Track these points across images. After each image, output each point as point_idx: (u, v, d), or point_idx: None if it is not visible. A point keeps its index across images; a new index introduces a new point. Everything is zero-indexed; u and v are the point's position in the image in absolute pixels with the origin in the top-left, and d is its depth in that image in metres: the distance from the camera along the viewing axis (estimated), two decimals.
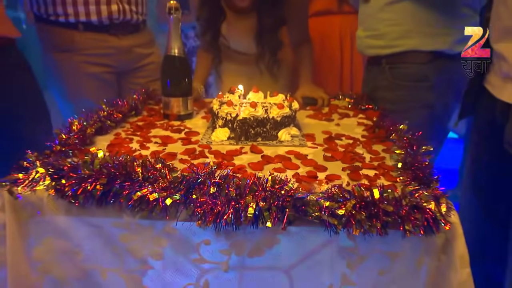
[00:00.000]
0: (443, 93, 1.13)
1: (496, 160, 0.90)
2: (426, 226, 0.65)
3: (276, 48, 1.35)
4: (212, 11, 1.36)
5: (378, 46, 1.21)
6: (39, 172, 0.70)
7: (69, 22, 1.32)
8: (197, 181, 0.66)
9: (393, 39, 1.17)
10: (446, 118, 1.19)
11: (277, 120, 0.99)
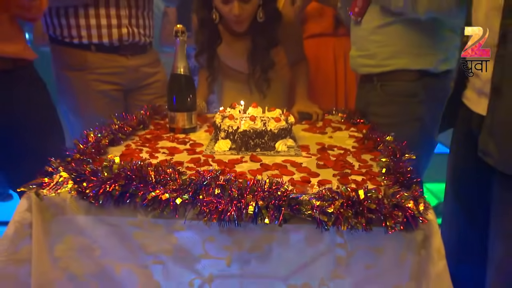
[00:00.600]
0: (431, 108, 1.24)
1: (472, 167, 0.98)
2: (406, 223, 0.74)
3: (267, 67, 1.44)
4: (210, 35, 1.46)
5: (370, 65, 1.32)
6: (63, 176, 0.79)
7: (82, 43, 1.43)
8: (203, 183, 0.75)
9: (383, 59, 1.28)
10: (434, 130, 1.29)
11: (275, 132, 1.08)
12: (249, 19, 1.37)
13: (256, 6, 1.35)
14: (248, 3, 1.33)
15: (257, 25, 1.38)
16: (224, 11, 1.36)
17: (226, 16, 1.38)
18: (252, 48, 1.44)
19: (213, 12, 1.38)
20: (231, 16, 1.35)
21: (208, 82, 1.55)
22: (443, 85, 1.19)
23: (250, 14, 1.35)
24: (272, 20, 1.38)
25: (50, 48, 1.52)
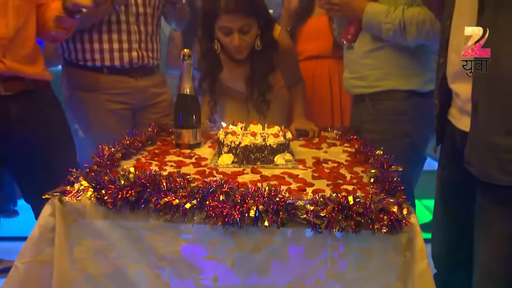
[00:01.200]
0: (419, 125, 1.34)
1: (458, 179, 1.06)
2: (391, 226, 0.82)
3: (265, 90, 1.54)
4: (212, 63, 1.56)
5: (362, 86, 1.43)
6: (83, 185, 0.89)
7: (95, 66, 1.54)
8: (209, 190, 0.84)
9: (374, 81, 1.39)
10: (422, 145, 1.39)
11: (273, 147, 1.18)
12: (249, 48, 1.49)
13: (255, 36, 1.47)
14: (247, 34, 1.45)
15: (255, 52, 1.50)
16: (225, 42, 1.47)
17: (227, 46, 1.49)
18: (251, 73, 1.55)
19: (215, 42, 1.50)
20: (231, 46, 1.46)
21: (210, 106, 1.66)
22: (430, 103, 1.29)
23: (249, 44, 1.47)
24: (269, 48, 1.50)
25: (64, 70, 1.64)
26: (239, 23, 1.42)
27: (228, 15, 1.41)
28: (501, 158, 0.85)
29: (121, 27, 1.54)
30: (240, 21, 1.42)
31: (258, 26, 1.46)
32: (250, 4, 1.41)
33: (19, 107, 1.23)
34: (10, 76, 1.19)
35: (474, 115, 0.91)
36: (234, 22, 1.42)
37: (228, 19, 1.42)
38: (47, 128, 1.32)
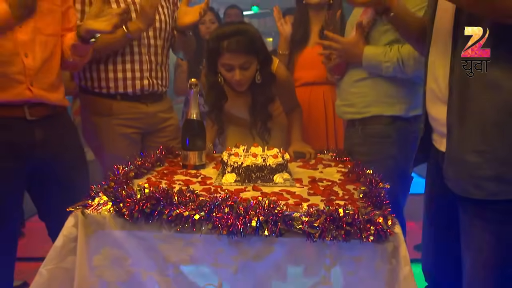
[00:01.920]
0: (403, 147, 1.46)
1: (442, 195, 1.16)
2: (377, 235, 0.93)
3: (266, 119, 1.68)
4: (217, 95, 1.70)
5: (351, 112, 1.57)
6: (103, 199, 0.99)
7: (110, 93, 1.68)
8: (216, 203, 0.95)
9: (361, 107, 1.53)
10: (408, 166, 1.50)
11: (273, 167, 1.29)
12: (248, 82, 1.63)
13: (254, 71, 1.62)
14: (248, 70, 1.59)
15: (256, 85, 1.64)
16: (227, 77, 1.62)
17: (229, 80, 1.63)
18: (252, 104, 1.69)
19: (218, 76, 1.64)
20: (233, 80, 1.61)
21: (216, 132, 1.78)
22: (413, 128, 1.41)
23: (249, 78, 1.61)
24: (267, 81, 1.65)
25: (80, 97, 1.77)
26: (240, 60, 1.56)
27: (230, 53, 1.55)
28: (474, 175, 0.96)
29: (134, 58, 1.68)
30: (241, 59, 1.56)
31: (258, 62, 1.61)
32: (250, 44, 1.56)
33: (42, 131, 1.34)
34: (36, 103, 1.31)
35: (448, 136, 1.02)
36: (235, 59, 1.56)
37: (230, 57, 1.56)
38: (66, 150, 1.44)
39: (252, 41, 1.58)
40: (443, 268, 1.22)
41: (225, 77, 1.63)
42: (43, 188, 1.42)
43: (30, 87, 1.28)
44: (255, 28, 1.67)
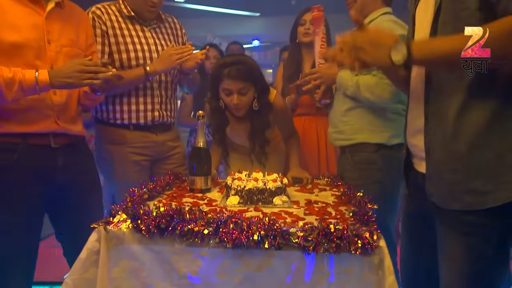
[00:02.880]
0: (388, 173, 1.60)
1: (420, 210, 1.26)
2: (364, 248, 1.05)
3: (263, 144, 1.84)
4: (219, 119, 1.88)
5: (341, 139, 1.74)
6: (122, 216, 1.13)
7: (123, 124, 1.84)
8: (222, 220, 1.08)
9: (349, 135, 1.70)
10: (394, 190, 1.63)
11: (272, 190, 1.42)
12: (246, 107, 1.80)
13: (252, 97, 1.79)
14: (245, 95, 1.76)
15: (254, 112, 1.81)
16: (226, 101, 1.79)
17: (228, 105, 1.80)
18: (251, 130, 1.86)
19: (220, 101, 1.82)
20: (231, 104, 1.77)
21: (220, 155, 1.93)
22: (397, 155, 1.55)
23: (246, 103, 1.78)
24: (265, 109, 1.82)
25: (96, 127, 1.93)
26: (238, 86, 1.74)
27: (229, 79, 1.73)
28: (452, 189, 1.07)
29: (147, 92, 1.85)
30: (239, 85, 1.74)
31: (255, 90, 1.78)
32: (247, 72, 1.74)
33: (64, 157, 1.49)
34: (60, 133, 1.47)
35: (427, 159, 1.15)
36: (234, 85, 1.74)
37: (229, 82, 1.74)
38: (83, 175, 1.58)
39: (250, 70, 1.76)
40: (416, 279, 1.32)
41: (225, 102, 1.80)
42: (62, 210, 1.55)
43: (57, 120, 1.44)
44: (253, 60, 1.86)
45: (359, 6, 1.69)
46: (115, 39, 1.81)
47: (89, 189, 1.62)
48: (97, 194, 1.69)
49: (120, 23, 1.84)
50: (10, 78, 1.30)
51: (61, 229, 1.62)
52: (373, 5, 1.68)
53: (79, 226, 1.52)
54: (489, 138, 1.02)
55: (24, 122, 1.39)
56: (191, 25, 5.90)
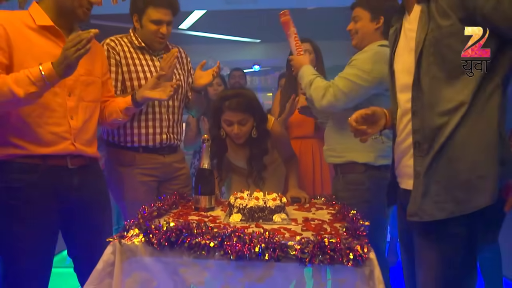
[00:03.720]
0: (376, 193, 1.72)
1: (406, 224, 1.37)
2: (355, 260, 1.16)
3: (261, 169, 1.98)
4: (219, 146, 2.02)
5: (333, 156, 1.88)
6: (136, 231, 1.24)
7: (133, 146, 1.96)
8: (227, 234, 1.19)
9: (340, 152, 1.84)
10: (382, 209, 1.74)
11: (272, 208, 1.53)
12: (246, 135, 1.94)
13: (251, 127, 1.93)
14: (245, 125, 1.91)
15: (253, 139, 1.96)
16: (227, 130, 1.94)
17: (229, 134, 1.95)
18: (250, 155, 1.99)
19: (221, 130, 1.96)
20: (232, 133, 1.92)
21: (216, 180, 2.05)
22: (384, 176, 1.67)
23: (245, 132, 1.93)
24: (263, 136, 1.96)
25: (106, 150, 2.05)
26: (238, 117, 1.89)
27: (230, 111, 1.89)
28: (436, 201, 1.17)
29: (155, 116, 1.99)
30: (239, 116, 1.89)
31: (254, 120, 1.93)
32: (247, 105, 1.90)
33: (79, 177, 1.61)
34: (77, 155, 1.59)
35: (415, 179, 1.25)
36: (234, 116, 1.89)
37: (230, 114, 1.89)
38: (96, 194, 1.69)
39: (249, 102, 1.91)
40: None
41: (226, 131, 1.95)
42: (76, 227, 1.65)
43: (74, 142, 1.57)
44: (253, 93, 2.01)
45: (359, 38, 1.86)
46: (127, 68, 1.96)
47: (101, 207, 1.73)
48: (108, 213, 1.79)
49: (132, 53, 2.00)
50: (16, 75, 1.39)
51: (73, 245, 1.71)
52: (373, 37, 1.83)
53: (90, 242, 1.63)
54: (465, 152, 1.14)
55: (44, 145, 1.52)
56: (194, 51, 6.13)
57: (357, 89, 1.73)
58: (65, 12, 1.55)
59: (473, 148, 1.13)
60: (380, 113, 1.40)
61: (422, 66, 1.18)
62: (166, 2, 1.94)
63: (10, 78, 1.40)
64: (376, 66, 1.70)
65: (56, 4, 1.55)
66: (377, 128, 1.40)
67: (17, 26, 1.48)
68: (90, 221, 1.67)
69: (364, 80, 1.72)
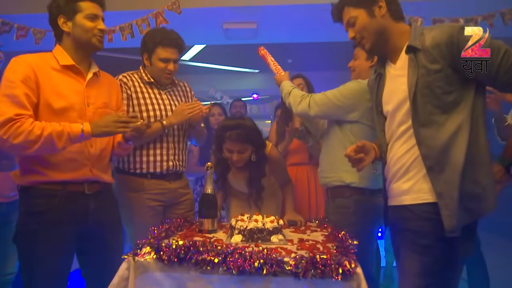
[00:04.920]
0: (361, 216, 1.89)
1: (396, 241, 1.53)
2: (344, 274, 1.30)
3: (259, 190, 2.17)
4: (222, 167, 2.22)
5: (323, 177, 2.05)
6: (147, 249, 1.38)
7: (142, 173, 2.13)
8: (229, 251, 1.34)
9: (329, 173, 2.01)
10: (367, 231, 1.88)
11: (270, 230, 1.68)
12: (244, 161, 2.13)
13: (250, 153, 2.12)
14: (244, 153, 2.10)
15: (252, 163, 2.14)
16: (228, 156, 2.13)
17: (229, 160, 2.14)
18: (249, 177, 2.17)
19: (223, 154, 2.15)
20: (233, 160, 2.12)
21: (221, 197, 2.22)
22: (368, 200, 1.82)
23: (244, 158, 2.12)
24: (261, 160, 2.15)
25: (116, 176, 2.21)
26: (237, 147, 2.08)
27: (231, 141, 2.08)
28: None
29: (162, 145, 2.16)
30: (239, 146, 2.08)
31: (253, 147, 2.12)
32: (246, 136, 2.09)
33: (95, 202, 1.76)
34: (93, 180, 1.75)
35: (439, 199, 1.40)
36: (234, 146, 2.09)
37: (230, 144, 2.09)
38: (109, 218, 1.84)
39: (249, 133, 2.10)
40: None
41: (227, 156, 2.15)
42: (89, 248, 1.79)
43: (91, 169, 1.73)
44: (252, 122, 2.20)
45: (357, 74, 2.08)
46: (137, 101, 2.15)
47: (113, 230, 1.87)
48: (119, 235, 1.94)
49: (142, 88, 2.19)
50: (60, 131, 1.60)
51: (87, 265, 1.84)
52: (368, 74, 2.03)
53: (104, 263, 1.77)
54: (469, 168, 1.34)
55: (64, 171, 1.68)
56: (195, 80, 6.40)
57: (330, 105, 1.94)
58: (83, 44, 1.75)
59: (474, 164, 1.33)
60: (369, 146, 1.58)
61: (418, 104, 1.38)
62: (174, 43, 2.16)
63: (54, 131, 1.60)
64: (354, 95, 1.92)
65: (74, 41, 1.75)
66: (370, 158, 1.57)
67: (44, 68, 1.68)
68: (104, 243, 1.81)
69: (338, 100, 1.93)
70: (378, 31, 1.47)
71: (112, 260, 1.69)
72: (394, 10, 1.47)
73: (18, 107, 1.57)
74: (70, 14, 1.72)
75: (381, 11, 1.46)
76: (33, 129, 1.56)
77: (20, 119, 1.56)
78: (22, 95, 1.59)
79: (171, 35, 2.16)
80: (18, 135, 1.54)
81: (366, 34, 1.48)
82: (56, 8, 1.73)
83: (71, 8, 1.71)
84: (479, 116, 1.36)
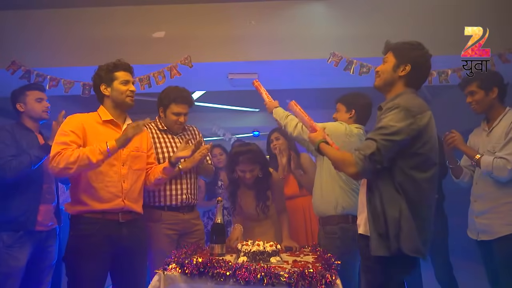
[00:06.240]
0: (345, 241, 2.25)
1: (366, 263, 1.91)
2: (326, 284, 1.68)
3: (265, 200, 2.64)
4: (234, 185, 2.69)
5: (316, 207, 2.45)
6: (174, 265, 1.77)
7: (160, 205, 2.52)
8: (238, 267, 1.73)
9: (319, 204, 2.41)
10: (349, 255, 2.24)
11: (270, 252, 2.06)
12: (254, 178, 2.60)
13: (258, 171, 2.60)
14: (253, 171, 2.58)
15: (258, 178, 2.62)
16: (240, 175, 2.59)
17: (241, 178, 2.61)
18: (256, 191, 2.66)
19: (235, 174, 2.62)
20: (246, 178, 2.58)
21: (240, 231, 2.64)
22: (352, 228, 2.21)
23: (255, 175, 2.60)
24: (266, 176, 2.64)
25: None
26: (249, 168, 2.56)
27: (243, 164, 2.56)
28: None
29: (177, 181, 2.55)
30: (250, 167, 2.56)
31: (260, 165, 2.60)
32: (255, 159, 2.57)
33: (127, 230, 2.14)
34: (126, 210, 2.15)
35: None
36: (247, 167, 2.56)
37: (243, 166, 2.56)
38: (138, 243, 2.21)
39: (257, 156, 2.60)
40: None
41: (239, 175, 2.62)
42: (121, 267, 2.16)
43: (124, 200, 2.14)
44: (258, 147, 2.69)
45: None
46: (155, 145, 2.58)
47: (142, 253, 2.25)
48: (145, 257, 2.31)
49: (158, 134, 2.63)
50: (92, 148, 2.03)
51: (118, 282, 2.20)
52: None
53: (133, 280, 2.14)
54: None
55: (103, 202, 2.08)
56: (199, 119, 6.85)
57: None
58: (119, 103, 2.22)
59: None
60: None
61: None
62: (185, 100, 2.62)
63: (87, 150, 2.04)
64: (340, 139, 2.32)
65: (112, 101, 2.21)
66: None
67: (90, 123, 2.15)
68: (134, 264, 2.19)
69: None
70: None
71: (140, 278, 2.10)
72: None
73: (65, 146, 2.02)
74: (109, 82, 2.20)
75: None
76: (72, 153, 1.99)
77: (63, 150, 2.00)
78: (70, 139, 2.05)
79: (183, 93, 2.62)
80: (62, 161, 1.98)
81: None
82: (99, 78, 2.22)
83: (110, 77, 2.20)
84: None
